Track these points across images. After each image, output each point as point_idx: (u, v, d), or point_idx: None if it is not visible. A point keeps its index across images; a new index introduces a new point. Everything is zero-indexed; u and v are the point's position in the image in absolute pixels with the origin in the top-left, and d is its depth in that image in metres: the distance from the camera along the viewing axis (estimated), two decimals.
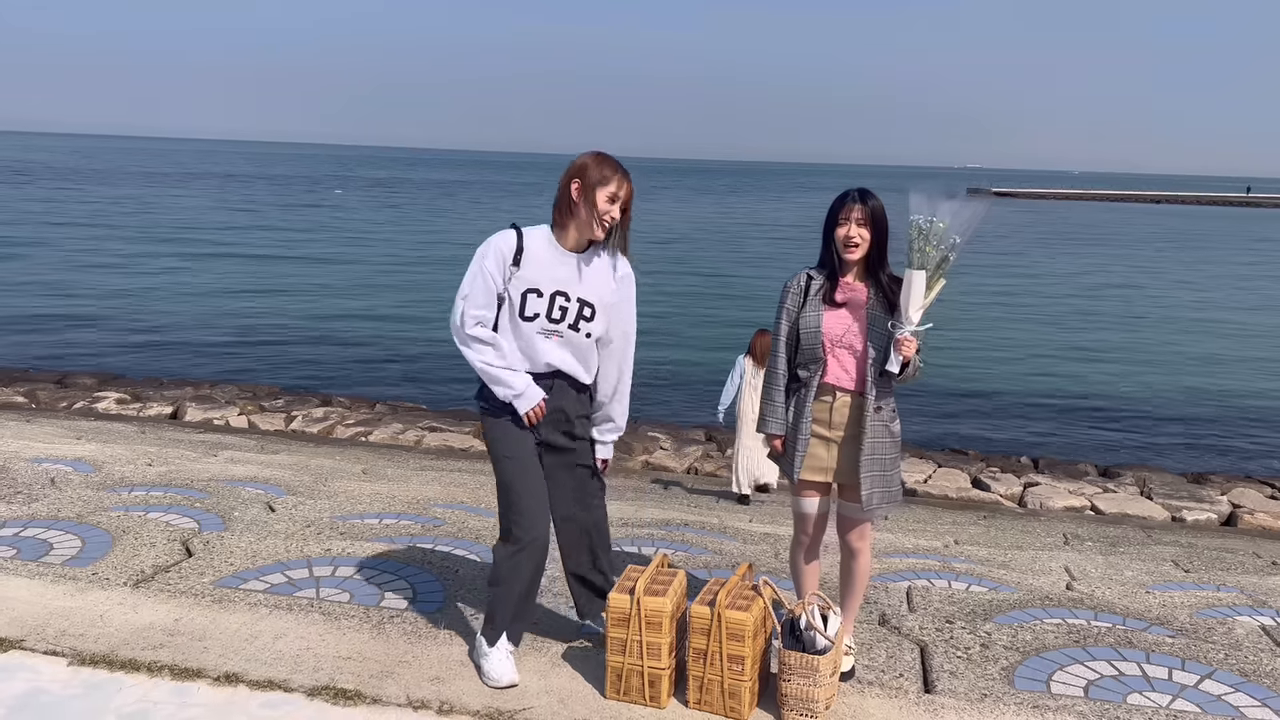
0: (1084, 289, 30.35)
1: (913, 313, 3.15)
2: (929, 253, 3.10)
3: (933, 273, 3.14)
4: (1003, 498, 10.00)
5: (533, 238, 3.20)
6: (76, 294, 22.22)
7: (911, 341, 3.17)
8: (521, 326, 3.18)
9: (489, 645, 3.25)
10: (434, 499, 6.74)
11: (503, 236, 3.19)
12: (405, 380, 15.72)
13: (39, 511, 4.86)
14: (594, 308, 3.22)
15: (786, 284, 3.43)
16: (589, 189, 3.12)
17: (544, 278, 3.17)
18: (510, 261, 3.14)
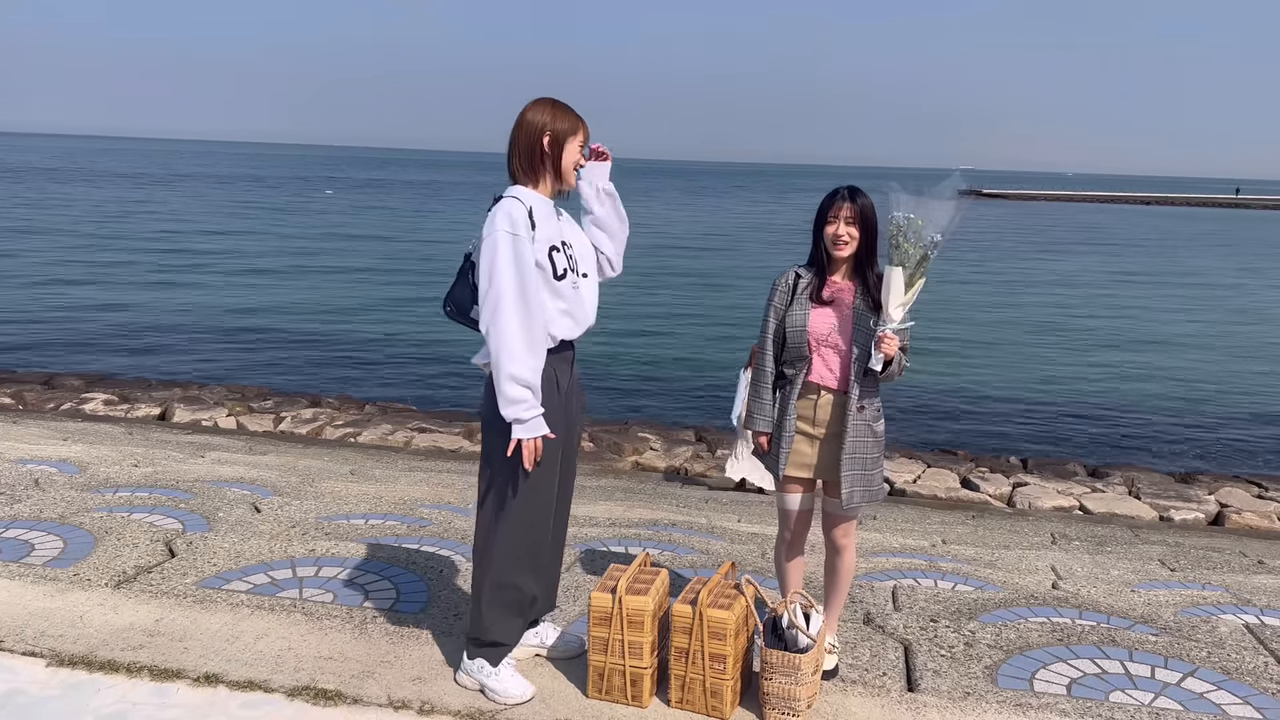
0: (1072, 290, 30.44)
1: (893, 310, 3.15)
2: (908, 250, 3.11)
3: (913, 270, 3.14)
4: (991, 498, 10.02)
5: (528, 197, 3.04)
6: (63, 294, 22.11)
7: (893, 339, 3.17)
8: (559, 288, 3.03)
9: (494, 665, 3.12)
10: (421, 499, 6.72)
11: (512, 204, 2.97)
12: (395, 381, 15.68)
13: (21, 512, 4.83)
14: (581, 251, 3.20)
15: (775, 281, 3.44)
16: (559, 143, 3.07)
17: (553, 232, 3.07)
18: (529, 226, 2.97)
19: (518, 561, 3.12)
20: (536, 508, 3.11)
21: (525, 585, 3.15)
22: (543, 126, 3.06)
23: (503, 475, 3.06)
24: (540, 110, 3.08)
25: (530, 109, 3.09)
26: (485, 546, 3.14)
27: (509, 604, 3.14)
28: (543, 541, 3.18)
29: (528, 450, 2.95)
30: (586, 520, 6.38)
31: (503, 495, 3.08)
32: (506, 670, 3.14)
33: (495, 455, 3.07)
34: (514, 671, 3.16)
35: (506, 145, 3.12)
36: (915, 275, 3.14)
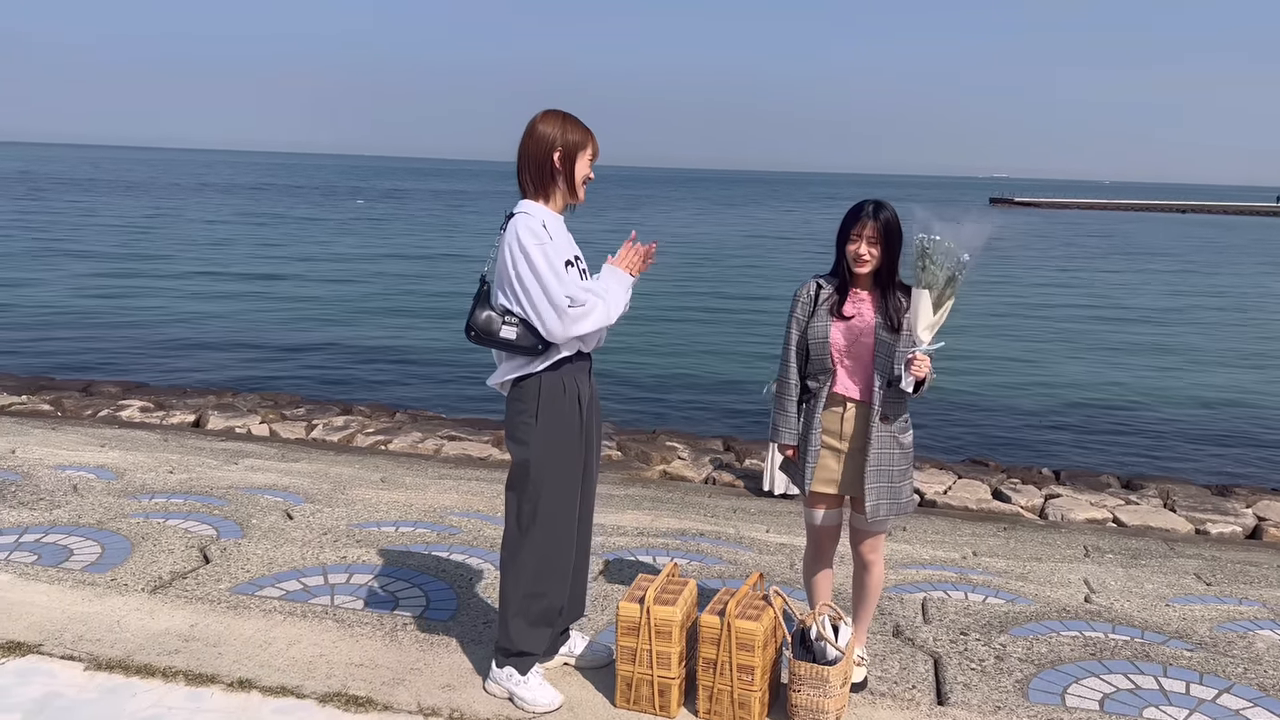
0: (1104, 298, 30.11)
1: (921, 332, 3.12)
2: (935, 271, 3.07)
3: (941, 291, 3.10)
4: (1023, 509, 9.92)
5: (541, 212, 3.09)
6: (101, 302, 22.48)
7: (924, 360, 3.13)
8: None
9: (522, 674, 3.15)
10: (450, 507, 6.77)
11: (531, 218, 3.03)
12: (425, 389, 15.79)
13: (60, 518, 4.92)
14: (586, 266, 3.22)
15: (796, 293, 3.43)
16: (570, 157, 3.08)
17: (565, 245, 3.10)
18: (550, 238, 3.02)
19: (544, 572, 3.14)
20: (562, 520, 3.15)
21: (552, 595, 3.17)
22: (554, 141, 3.07)
23: (529, 489, 3.11)
24: (550, 123, 3.08)
25: (540, 121, 3.10)
26: (512, 558, 3.17)
27: (536, 614, 3.16)
28: (568, 552, 3.21)
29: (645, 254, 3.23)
30: (614, 529, 6.39)
31: (529, 508, 3.11)
32: (535, 679, 3.16)
33: (520, 469, 3.13)
34: (542, 680, 3.18)
35: (516, 157, 3.13)
36: (944, 296, 3.10)
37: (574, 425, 3.12)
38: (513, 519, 3.16)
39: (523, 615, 3.14)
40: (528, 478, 3.10)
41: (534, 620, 3.16)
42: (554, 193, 3.12)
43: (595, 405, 3.29)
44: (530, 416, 3.09)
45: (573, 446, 3.14)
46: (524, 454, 3.10)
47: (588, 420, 3.20)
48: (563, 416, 3.10)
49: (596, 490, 3.46)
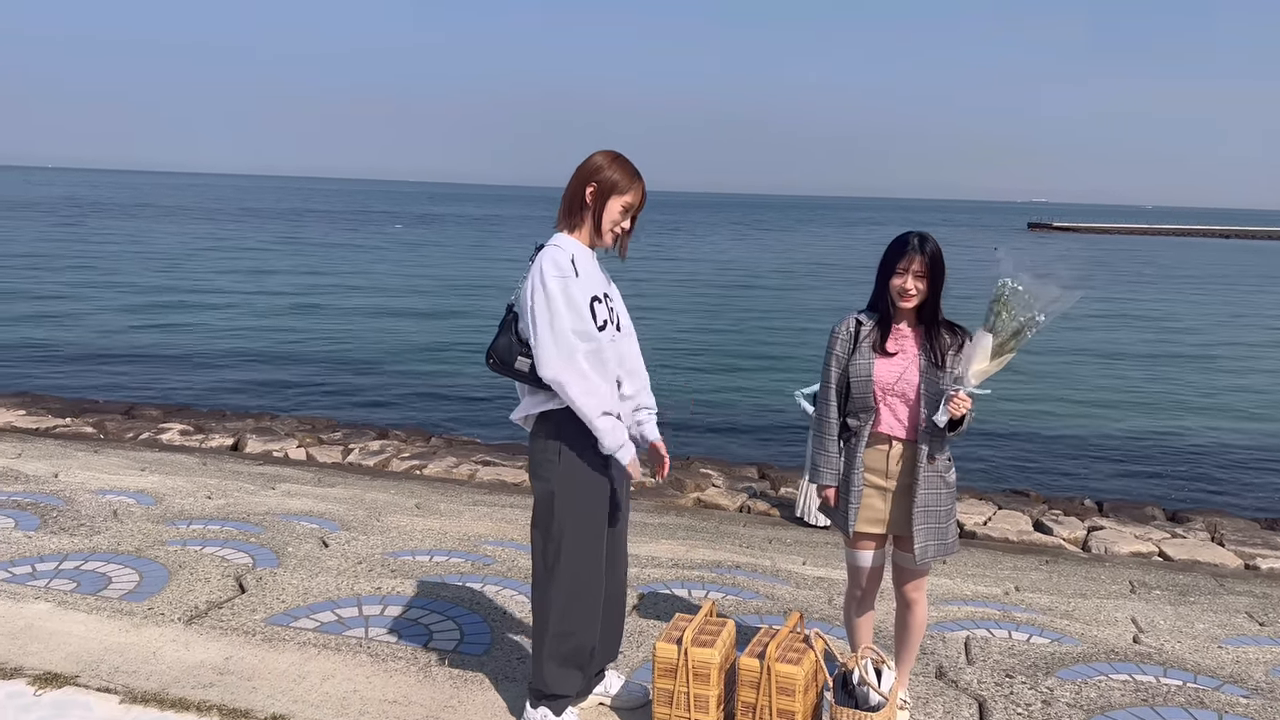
0: (1146, 325, 29.64)
1: (971, 375, 3.03)
2: (1005, 320, 2.97)
3: (1004, 341, 3.01)
4: (1065, 541, 9.72)
5: (570, 245, 3.03)
6: (144, 327, 22.84)
7: (965, 401, 3.05)
8: (599, 339, 3.01)
9: (557, 715, 3.11)
10: (485, 535, 6.74)
11: (559, 252, 2.98)
12: (460, 413, 15.84)
13: (100, 544, 4.96)
14: (620, 306, 3.19)
15: (834, 329, 3.35)
16: (603, 195, 3.00)
17: (596, 282, 3.05)
18: (575, 274, 2.96)
19: (571, 611, 3.08)
20: (587, 558, 3.09)
21: (581, 635, 3.10)
22: (590, 174, 3.02)
23: (553, 526, 3.05)
24: (598, 158, 3.04)
25: (592, 155, 3.06)
26: (542, 598, 3.11)
27: (568, 655, 3.10)
28: (596, 591, 3.13)
29: (634, 468, 3.09)
30: (649, 560, 6.33)
31: (554, 546, 3.06)
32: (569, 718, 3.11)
33: (543, 506, 3.08)
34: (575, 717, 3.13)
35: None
36: (1005, 346, 3.01)
37: (597, 462, 3.06)
38: (539, 557, 3.11)
39: (554, 657, 3.08)
40: (551, 515, 3.05)
41: (564, 661, 3.10)
42: (581, 226, 3.06)
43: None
44: (553, 454, 3.04)
45: (596, 484, 3.08)
46: (547, 491, 3.05)
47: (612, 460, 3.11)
48: (585, 454, 3.03)
49: (630, 518, 3.39)
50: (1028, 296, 2.97)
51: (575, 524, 3.04)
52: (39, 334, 21.21)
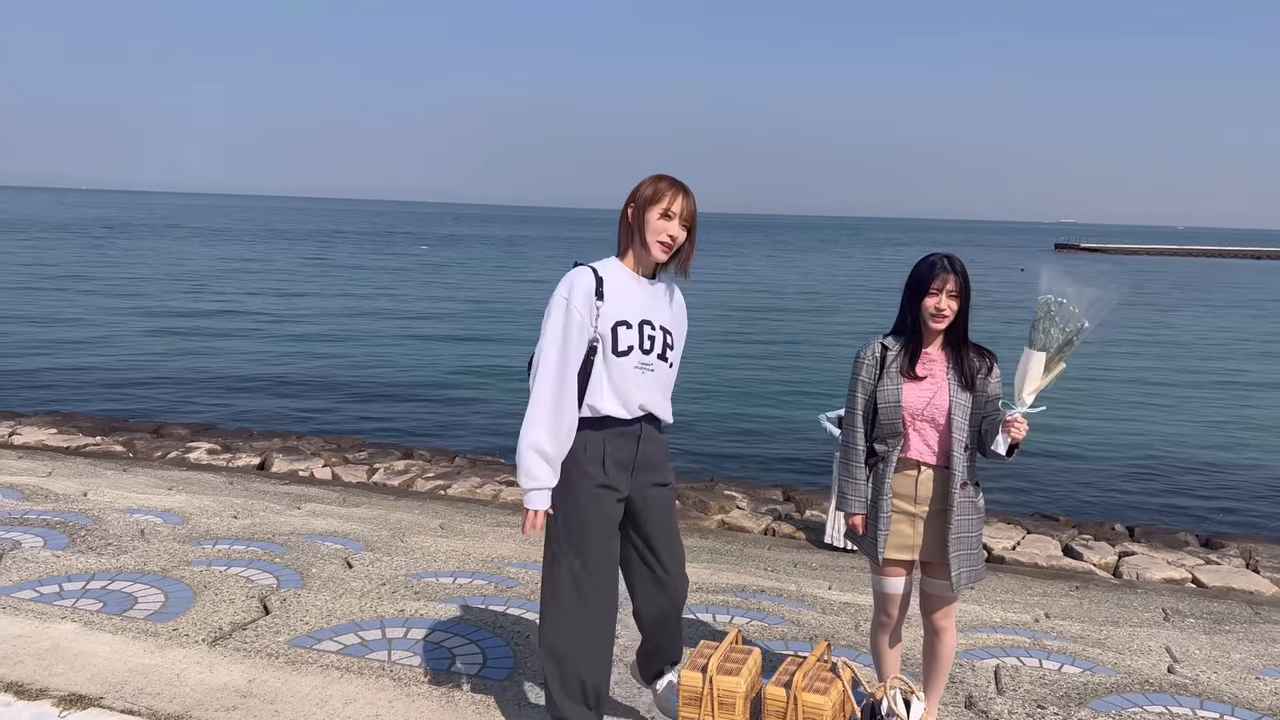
0: (1175, 345, 29.28)
1: (1026, 394, 3.01)
2: (1053, 334, 2.96)
3: (1053, 355, 2.99)
4: (1096, 567, 9.56)
5: (607, 268, 3.02)
6: (173, 346, 23.10)
7: (1022, 423, 3.03)
8: (616, 364, 2.95)
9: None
10: (508, 557, 6.72)
11: (579, 273, 2.97)
12: (485, 432, 15.87)
13: (127, 564, 4.98)
14: (673, 335, 3.09)
15: (859, 355, 3.31)
16: (641, 209, 2.97)
17: (630, 307, 2.98)
18: (595, 295, 2.93)
19: (566, 633, 2.99)
20: (570, 590, 2.98)
21: (576, 661, 2.98)
22: (630, 197, 3.01)
23: (548, 550, 3.03)
24: (643, 181, 3.02)
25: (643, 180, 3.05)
26: (541, 614, 3.07)
27: (565, 678, 2.98)
28: (599, 625, 3.02)
29: (527, 520, 2.94)
30: None
31: (547, 570, 3.04)
32: None
33: (550, 525, 3.03)
34: None
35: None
36: (1055, 360, 3.00)
37: (589, 492, 2.96)
38: (544, 575, 3.10)
39: (552, 676, 3.02)
40: (548, 538, 3.03)
41: (563, 682, 3.00)
42: (629, 248, 3.03)
43: (650, 472, 3.10)
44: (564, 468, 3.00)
45: (586, 516, 2.97)
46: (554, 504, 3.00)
47: (614, 484, 3.01)
48: (583, 479, 2.97)
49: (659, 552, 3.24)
50: (1071, 307, 2.95)
51: (564, 553, 2.99)
52: (70, 354, 21.49)
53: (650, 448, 3.08)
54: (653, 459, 3.10)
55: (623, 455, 3.01)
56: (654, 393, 3.03)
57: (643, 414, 3.02)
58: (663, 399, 3.08)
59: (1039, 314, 3.00)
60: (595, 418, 2.97)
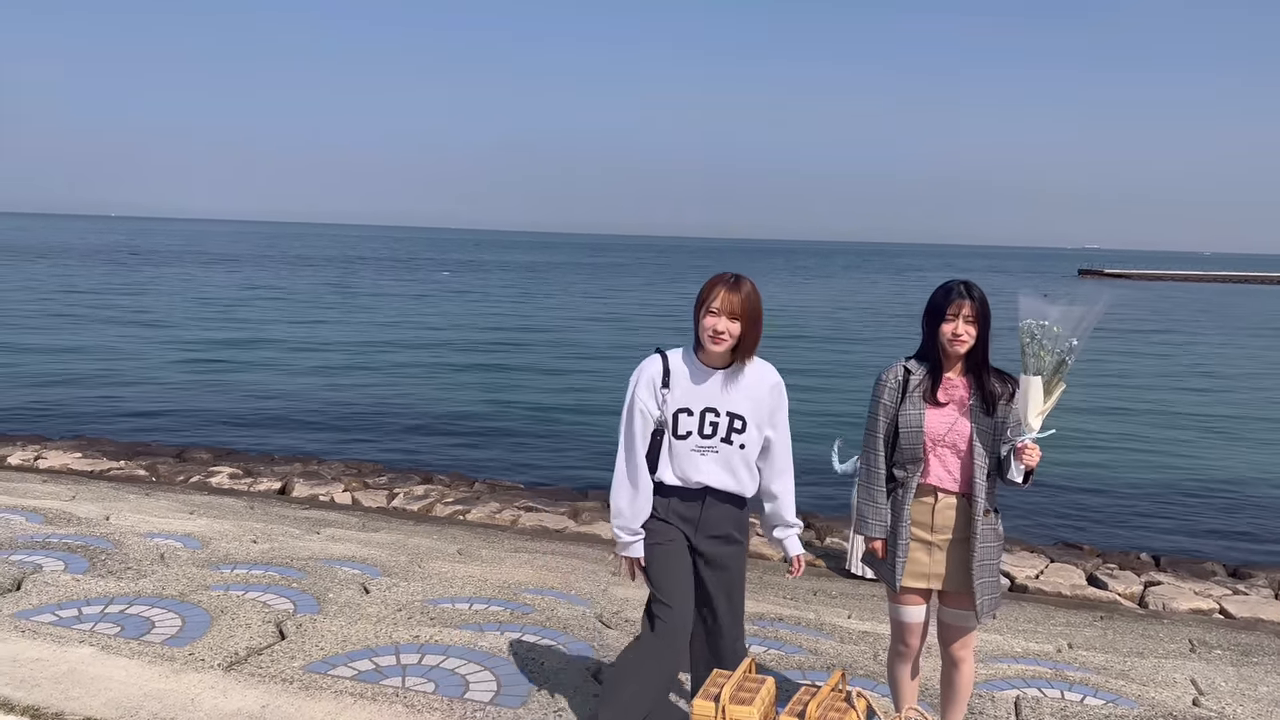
0: (1200, 372, 28.96)
1: (1032, 419, 3.00)
2: (1044, 357, 2.96)
3: (1050, 377, 2.98)
4: (1121, 597, 9.43)
5: (675, 359, 3.37)
6: (197, 369, 23.31)
7: (1034, 449, 3.01)
8: (676, 445, 3.32)
9: None
10: (525, 583, 6.71)
11: (650, 362, 3.37)
12: (504, 458, 15.88)
13: (145, 588, 5.01)
14: (744, 420, 3.31)
15: (881, 378, 3.31)
16: (697, 309, 3.30)
17: (692, 396, 3.31)
18: (660, 385, 3.31)
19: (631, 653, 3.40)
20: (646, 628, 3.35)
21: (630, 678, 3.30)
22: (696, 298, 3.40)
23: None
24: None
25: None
26: None
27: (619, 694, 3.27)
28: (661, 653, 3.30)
29: (624, 565, 3.45)
30: None
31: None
32: None
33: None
34: None
35: None
36: (1053, 382, 2.99)
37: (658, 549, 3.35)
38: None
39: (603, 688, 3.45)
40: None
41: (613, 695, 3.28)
42: (698, 343, 3.35)
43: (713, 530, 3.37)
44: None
45: (656, 566, 3.36)
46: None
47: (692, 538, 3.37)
48: (653, 532, 3.37)
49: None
50: (1055, 328, 2.95)
51: (649, 584, 3.40)
52: (96, 379, 21.73)
53: (715, 513, 3.38)
54: (717, 522, 3.39)
55: (689, 513, 3.37)
56: (717, 471, 3.34)
57: (700, 487, 3.35)
58: (729, 476, 3.35)
59: (1023, 339, 3.01)
60: (661, 485, 3.38)
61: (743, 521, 3.43)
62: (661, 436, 3.33)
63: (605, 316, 41.56)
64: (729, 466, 3.33)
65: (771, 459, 3.41)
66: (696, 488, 3.34)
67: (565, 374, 24.62)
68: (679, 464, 3.33)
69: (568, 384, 23.18)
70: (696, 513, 3.37)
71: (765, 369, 3.40)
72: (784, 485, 3.45)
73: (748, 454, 3.34)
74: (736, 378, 3.33)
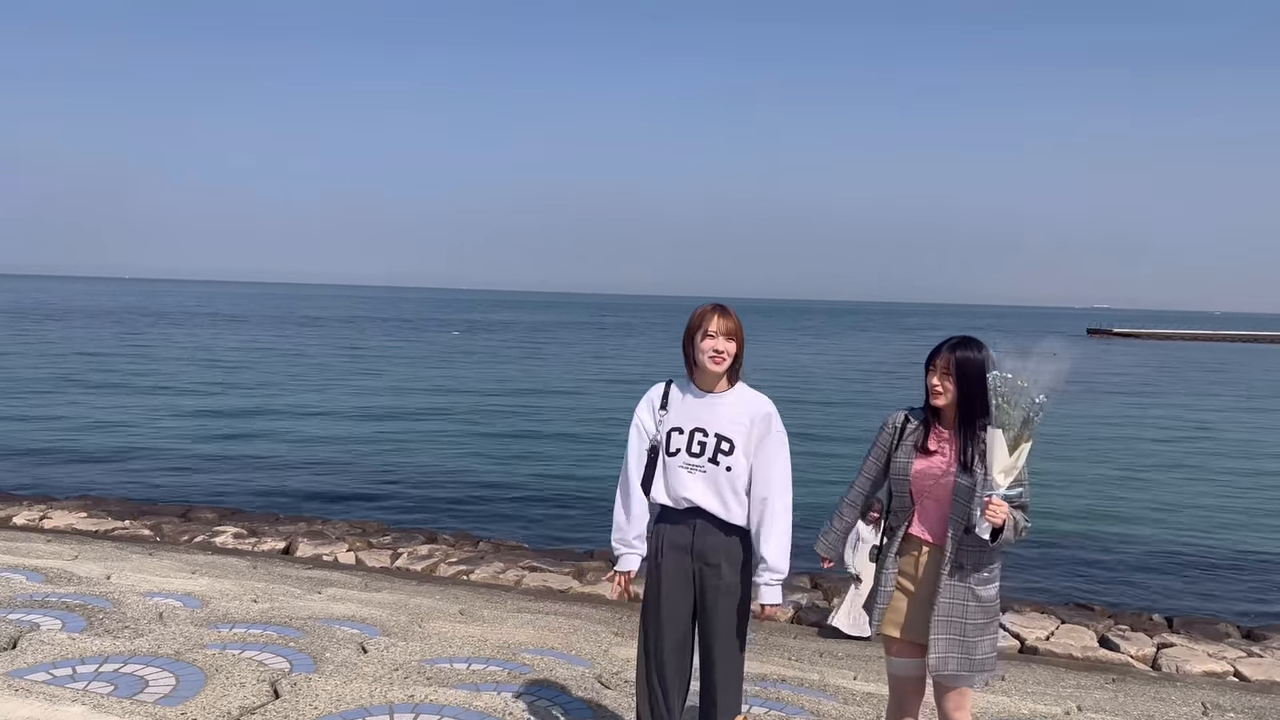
0: (1211, 431, 28.77)
1: (998, 475, 2.98)
2: (1009, 412, 2.95)
3: (1017, 432, 2.97)
4: (1133, 659, 9.28)
5: (676, 385, 3.64)
6: (204, 430, 23.38)
7: (1000, 505, 2.99)
8: (668, 463, 3.53)
9: None
10: (525, 643, 6.65)
11: (654, 388, 3.67)
12: (509, 517, 15.82)
13: (141, 647, 4.98)
14: (732, 443, 3.46)
15: (885, 420, 3.42)
16: (691, 335, 3.52)
17: (684, 416, 3.53)
18: (659, 407, 3.58)
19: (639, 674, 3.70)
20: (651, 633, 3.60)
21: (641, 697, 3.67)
22: (686, 325, 3.59)
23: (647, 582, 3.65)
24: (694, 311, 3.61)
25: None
26: None
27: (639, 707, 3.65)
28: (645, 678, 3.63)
29: (615, 584, 3.67)
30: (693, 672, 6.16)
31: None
32: None
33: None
34: None
35: None
36: (1020, 438, 2.98)
37: (651, 572, 3.58)
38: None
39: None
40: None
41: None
42: (691, 370, 3.60)
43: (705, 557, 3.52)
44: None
45: (648, 587, 3.60)
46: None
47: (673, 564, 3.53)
48: (647, 559, 3.61)
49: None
50: (1020, 382, 2.95)
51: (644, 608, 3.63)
52: (103, 438, 21.81)
53: (708, 539, 3.50)
54: (710, 549, 3.51)
55: (681, 540, 3.52)
56: (704, 491, 3.48)
57: (690, 505, 3.49)
58: (715, 498, 3.48)
59: (990, 393, 3.00)
60: (656, 506, 3.59)
61: (737, 558, 3.51)
62: (658, 456, 3.54)
63: (611, 377, 41.62)
64: (716, 488, 3.47)
65: (759, 492, 3.47)
66: (686, 507, 3.49)
67: (572, 436, 24.60)
68: (670, 481, 3.52)
69: (574, 445, 23.16)
70: (689, 538, 3.50)
71: (759, 399, 3.55)
72: (772, 524, 3.46)
73: (734, 478, 3.45)
74: (729, 402, 3.52)
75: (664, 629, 3.55)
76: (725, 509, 3.46)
